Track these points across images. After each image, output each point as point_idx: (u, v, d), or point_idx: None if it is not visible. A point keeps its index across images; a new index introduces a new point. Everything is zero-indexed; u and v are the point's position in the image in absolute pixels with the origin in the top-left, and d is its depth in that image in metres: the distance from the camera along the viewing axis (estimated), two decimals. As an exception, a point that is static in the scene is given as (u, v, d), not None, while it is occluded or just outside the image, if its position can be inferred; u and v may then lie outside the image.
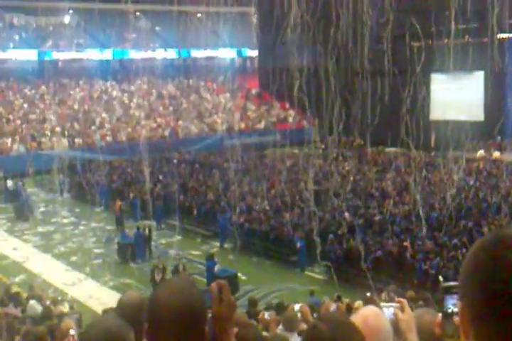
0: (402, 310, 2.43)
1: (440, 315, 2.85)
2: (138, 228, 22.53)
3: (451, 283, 3.08)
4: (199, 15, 56.55)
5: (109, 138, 39.57)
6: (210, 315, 2.09)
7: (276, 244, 21.45)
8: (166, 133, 41.30)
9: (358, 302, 12.93)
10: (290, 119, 43.64)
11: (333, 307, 12.15)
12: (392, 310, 2.44)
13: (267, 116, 45.42)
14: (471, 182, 25.64)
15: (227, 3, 45.48)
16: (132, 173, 31.79)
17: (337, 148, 33.35)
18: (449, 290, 2.91)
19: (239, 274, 19.43)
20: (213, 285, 2.13)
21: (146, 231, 22.58)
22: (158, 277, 18.07)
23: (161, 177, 30.66)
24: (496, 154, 30.99)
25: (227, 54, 56.24)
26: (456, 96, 37.99)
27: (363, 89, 33.14)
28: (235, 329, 2.24)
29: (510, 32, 34.97)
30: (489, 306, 1.37)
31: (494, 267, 1.37)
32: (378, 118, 29.06)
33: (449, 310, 2.79)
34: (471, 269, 1.42)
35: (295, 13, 25.04)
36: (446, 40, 32.29)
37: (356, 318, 2.25)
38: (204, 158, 35.46)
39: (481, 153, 31.30)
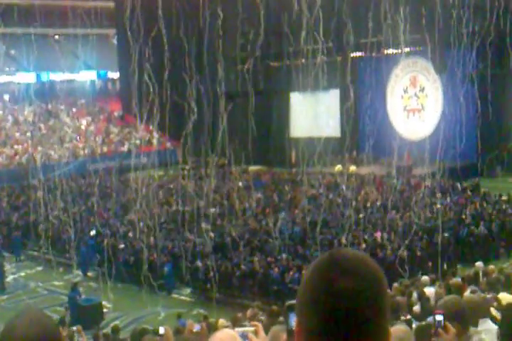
0: (257, 333, 2.44)
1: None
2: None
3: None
4: (57, 37, 55.12)
5: (-39, 168, 37.43)
6: None
7: (141, 268, 21.03)
8: (24, 160, 39.67)
9: (221, 321, 13.02)
10: (154, 141, 43.33)
11: (196, 327, 12.13)
12: (246, 334, 2.44)
13: (131, 139, 44.84)
14: (330, 196, 26.57)
15: (86, 25, 44.68)
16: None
17: (201, 168, 33.50)
18: (292, 308, 2.97)
19: (104, 302, 18.90)
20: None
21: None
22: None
23: (19, 206, 29.32)
24: (352, 168, 32.36)
25: (87, 76, 55.06)
26: (315, 113, 39.38)
27: (225, 110, 33.53)
28: None
29: (362, 51, 36.79)
30: (321, 326, 1.43)
31: (326, 290, 1.43)
32: (242, 137, 29.56)
33: (293, 328, 2.83)
34: (306, 290, 1.47)
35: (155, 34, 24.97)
36: (302, 60, 33.54)
37: None
38: (65, 184, 34.30)
39: (338, 167, 32.55)
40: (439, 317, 2.80)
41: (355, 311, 1.42)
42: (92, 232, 24.19)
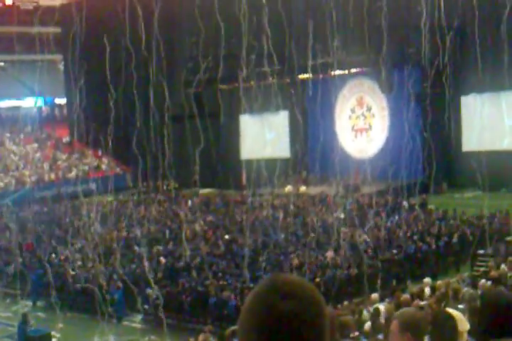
0: None
1: None
2: None
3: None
4: (2, 64, 54.37)
5: None
6: None
7: (90, 296, 20.60)
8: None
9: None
10: (103, 167, 42.83)
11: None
12: None
13: (79, 165, 44.20)
14: (281, 217, 26.59)
15: (32, 51, 44.14)
16: None
17: (151, 193, 33.28)
18: (235, 334, 2.99)
19: (53, 332, 18.42)
20: None
21: None
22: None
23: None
24: (302, 188, 32.56)
25: (33, 103, 54.23)
26: (265, 135, 39.57)
27: (175, 133, 33.49)
28: None
29: (310, 72, 37.18)
30: None
31: (268, 314, 1.45)
32: (192, 160, 29.40)
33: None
34: (248, 315, 1.48)
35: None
36: (251, 83, 33.79)
37: None
38: (12, 214, 33.56)
39: (288, 188, 32.70)
40: None
41: (296, 333, 1.45)
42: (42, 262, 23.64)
